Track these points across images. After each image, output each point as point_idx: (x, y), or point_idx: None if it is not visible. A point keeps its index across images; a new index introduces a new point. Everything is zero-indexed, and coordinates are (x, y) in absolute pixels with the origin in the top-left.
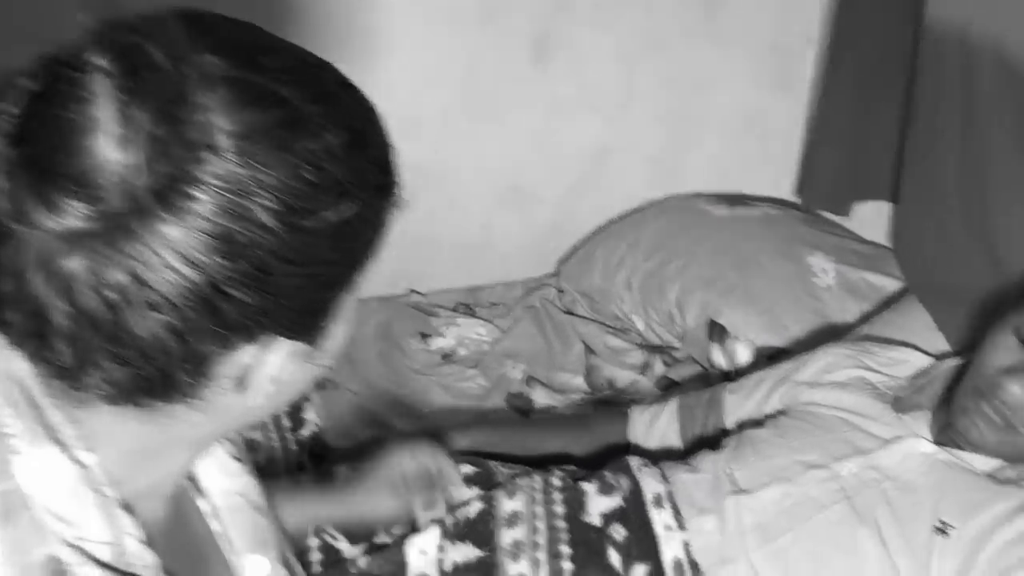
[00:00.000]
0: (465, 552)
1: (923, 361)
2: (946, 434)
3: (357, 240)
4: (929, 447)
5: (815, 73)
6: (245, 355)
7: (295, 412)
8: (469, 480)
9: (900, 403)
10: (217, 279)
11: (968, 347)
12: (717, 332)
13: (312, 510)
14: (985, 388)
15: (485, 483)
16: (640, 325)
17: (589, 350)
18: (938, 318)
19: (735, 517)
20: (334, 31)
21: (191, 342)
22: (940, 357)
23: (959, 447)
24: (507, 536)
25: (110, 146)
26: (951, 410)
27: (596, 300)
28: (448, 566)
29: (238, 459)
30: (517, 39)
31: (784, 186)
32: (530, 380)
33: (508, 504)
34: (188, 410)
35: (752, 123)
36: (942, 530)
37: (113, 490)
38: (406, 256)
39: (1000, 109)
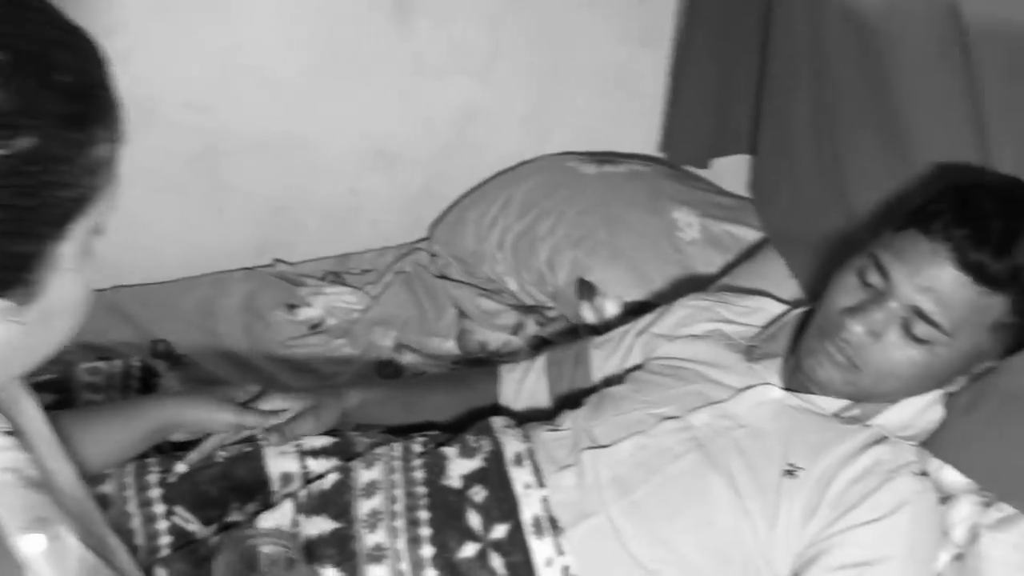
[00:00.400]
0: (320, 525)
1: (777, 308)
2: (795, 378)
3: (39, 179)
4: (779, 393)
5: (676, 27)
6: None
7: (146, 389)
8: (326, 451)
9: (752, 352)
10: None
11: (820, 294)
12: (586, 290)
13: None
14: (829, 328)
15: (343, 454)
16: (513, 286)
17: (462, 314)
18: (792, 265)
19: (593, 471)
20: None
21: None
22: (795, 304)
23: (808, 391)
24: (364, 506)
25: None
26: (798, 352)
27: (469, 263)
28: (302, 540)
29: (10, 433)
30: None
31: (653, 142)
32: (400, 347)
33: (366, 474)
34: None
35: (620, 79)
36: (791, 472)
37: None
38: (270, 225)
39: (847, 56)
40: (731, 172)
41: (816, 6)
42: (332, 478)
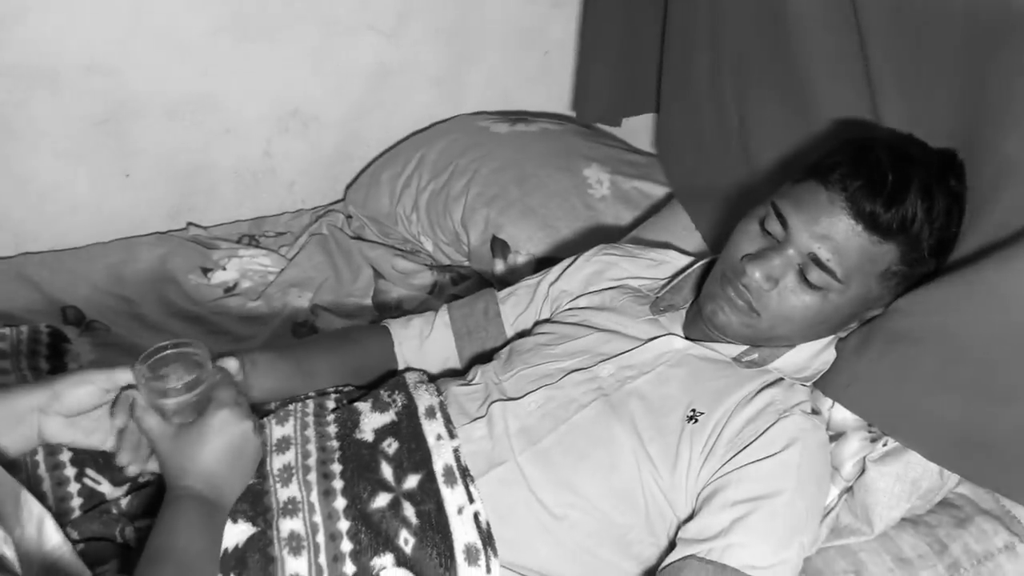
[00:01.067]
0: None
1: (681, 261)
2: (698, 327)
3: None
4: (682, 343)
5: None
6: None
7: (55, 355)
8: None
9: (657, 304)
10: None
11: (718, 240)
12: (499, 247)
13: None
14: (730, 273)
15: (256, 412)
16: (429, 246)
17: (378, 274)
18: (696, 218)
19: (502, 422)
20: None
21: None
22: (698, 257)
23: (709, 339)
24: (277, 462)
25: None
26: (701, 298)
27: (384, 224)
28: None
29: None
30: None
31: (564, 101)
32: (315, 308)
33: (278, 430)
34: None
35: (530, 39)
36: (693, 418)
37: None
38: (183, 188)
39: (744, 15)
40: (644, 130)
41: None
42: None
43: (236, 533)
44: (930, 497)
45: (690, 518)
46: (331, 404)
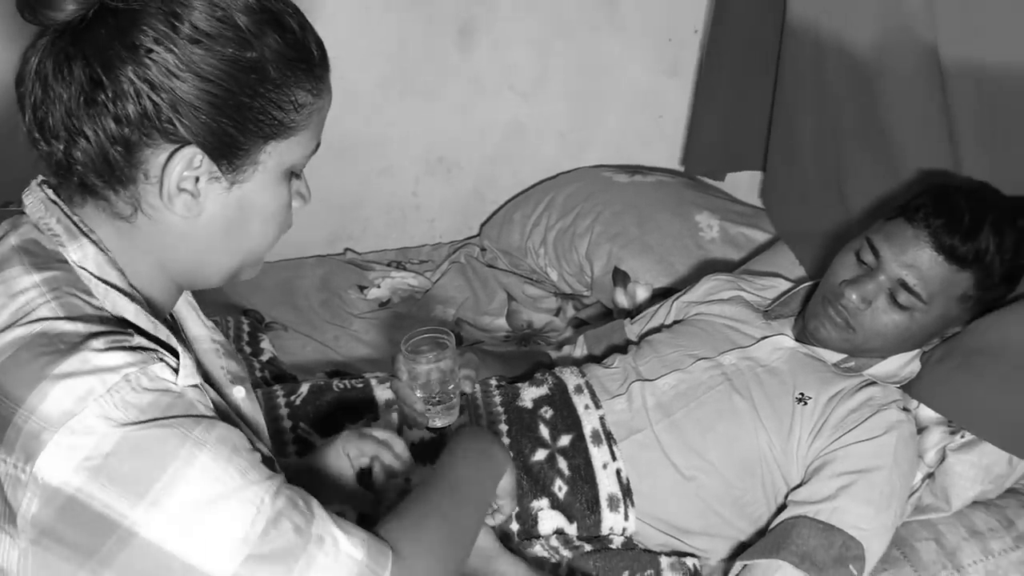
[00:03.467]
0: (419, 434)
1: (787, 286)
2: (803, 334)
3: (255, 88)
4: (791, 343)
5: (700, 59)
6: (162, 153)
7: (253, 341)
8: None
9: (769, 312)
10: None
11: (821, 274)
12: (620, 277)
13: None
14: (831, 295)
15: None
16: (554, 276)
17: (510, 297)
18: (799, 255)
19: (640, 398)
20: None
21: (124, 123)
22: (800, 283)
23: (813, 344)
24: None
25: None
26: (805, 315)
27: (515, 256)
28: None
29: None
30: (444, 24)
31: (675, 159)
32: (459, 321)
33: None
34: (142, 220)
35: (647, 103)
36: (801, 400)
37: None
38: (342, 219)
39: (842, 87)
40: (744, 186)
41: (818, 45)
42: None
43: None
44: (1000, 482)
45: (798, 487)
46: (494, 382)
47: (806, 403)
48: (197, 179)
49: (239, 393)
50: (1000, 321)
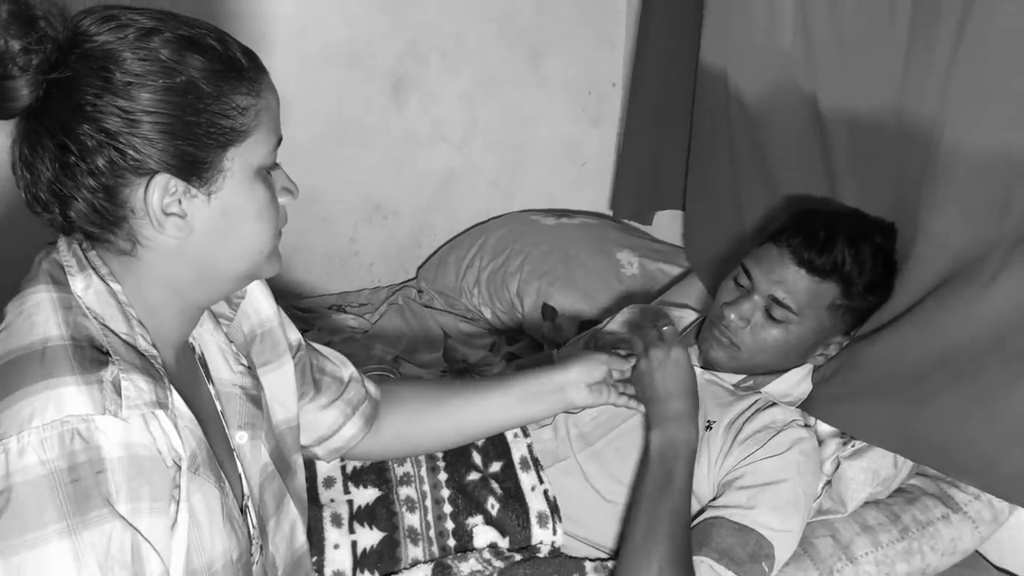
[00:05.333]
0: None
1: (695, 316)
2: (704, 359)
3: (196, 105)
4: (696, 371)
5: (620, 109)
6: (139, 188)
7: None
8: None
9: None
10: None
11: None
12: (549, 312)
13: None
14: (715, 319)
15: None
16: (488, 314)
17: (446, 335)
18: (707, 284)
19: (564, 428)
20: None
21: (98, 175)
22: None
23: (714, 368)
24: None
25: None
26: (699, 340)
27: (450, 296)
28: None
29: (247, 366)
30: (379, 80)
31: (598, 203)
32: (398, 359)
33: None
34: (142, 251)
35: (571, 152)
36: (708, 427)
37: (133, 310)
38: (284, 266)
39: (742, 133)
40: (663, 226)
41: (726, 90)
42: None
43: (367, 495)
44: (888, 483)
45: (713, 500)
46: None
47: (711, 428)
48: (180, 201)
49: (241, 439)
50: (876, 340)
